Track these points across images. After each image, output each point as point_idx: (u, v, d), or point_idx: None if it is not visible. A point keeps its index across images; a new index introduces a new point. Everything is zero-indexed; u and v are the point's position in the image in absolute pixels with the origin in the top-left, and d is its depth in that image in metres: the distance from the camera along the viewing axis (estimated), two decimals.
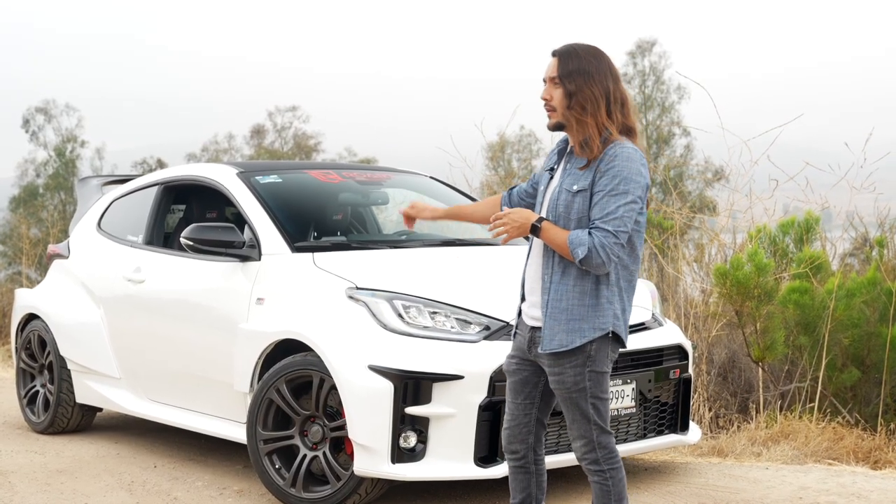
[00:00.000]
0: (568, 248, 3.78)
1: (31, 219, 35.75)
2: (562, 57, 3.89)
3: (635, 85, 56.10)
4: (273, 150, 59.60)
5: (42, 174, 59.29)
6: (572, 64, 3.86)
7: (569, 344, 3.84)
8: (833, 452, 6.51)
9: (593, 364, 3.87)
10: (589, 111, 3.83)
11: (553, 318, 3.86)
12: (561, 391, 3.90)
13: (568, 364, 3.86)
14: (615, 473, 3.94)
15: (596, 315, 3.85)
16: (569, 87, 3.84)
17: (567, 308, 3.84)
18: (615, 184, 3.77)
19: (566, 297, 3.85)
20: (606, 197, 3.77)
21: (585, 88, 3.83)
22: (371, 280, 5.41)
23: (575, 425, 3.92)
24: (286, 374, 5.38)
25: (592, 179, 3.82)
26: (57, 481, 6.10)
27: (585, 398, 3.88)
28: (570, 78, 3.85)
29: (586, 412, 3.89)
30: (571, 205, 3.85)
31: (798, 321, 7.46)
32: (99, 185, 7.98)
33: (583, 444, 3.92)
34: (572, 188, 3.85)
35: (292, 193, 6.54)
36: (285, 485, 5.36)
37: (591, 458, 3.93)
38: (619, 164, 3.79)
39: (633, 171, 3.79)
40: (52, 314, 7.37)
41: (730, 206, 8.82)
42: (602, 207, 3.77)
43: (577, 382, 3.87)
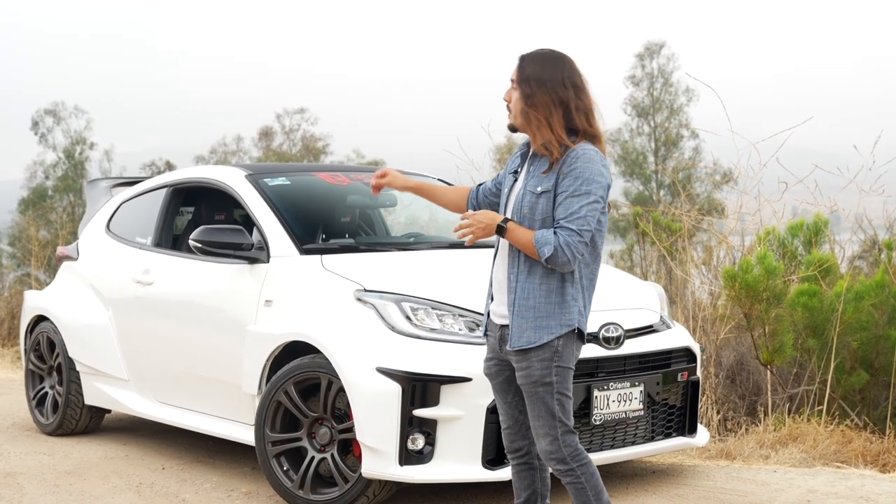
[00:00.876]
0: (534, 248, 3.90)
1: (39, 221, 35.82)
2: (522, 62, 4.03)
3: (644, 87, 56.05)
4: (281, 152, 59.65)
5: (51, 176, 59.40)
6: (529, 69, 3.99)
7: (536, 340, 3.94)
8: (841, 455, 6.50)
9: (560, 359, 3.97)
10: (543, 117, 3.95)
11: (521, 315, 3.96)
12: (527, 386, 3.98)
13: (535, 358, 3.95)
14: (585, 469, 4.00)
15: (562, 312, 3.96)
16: (525, 91, 3.98)
17: (534, 306, 3.95)
18: (578, 185, 3.89)
19: (533, 296, 3.95)
20: (570, 198, 3.89)
21: (539, 95, 3.96)
22: (379, 282, 5.41)
23: (540, 422, 3.99)
24: (294, 376, 5.38)
25: (555, 181, 3.93)
26: (65, 482, 6.11)
27: (552, 393, 3.96)
28: (526, 83, 3.99)
29: (552, 408, 3.96)
30: (535, 206, 3.96)
31: (807, 324, 7.45)
32: (108, 187, 8.00)
33: (548, 441, 3.99)
34: (536, 190, 3.97)
35: (301, 196, 6.54)
36: (293, 487, 5.36)
37: (557, 457, 3.99)
38: (580, 165, 3.90)
39: (594, 172, 3.91)
40: (61, 316, 7.38)
41: (738, 208, 8.81)
42: (566, 208, 3.89)
43: (544, 376, 3.95)
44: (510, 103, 4.04)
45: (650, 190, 53.20)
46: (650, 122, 55.66)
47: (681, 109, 55.69)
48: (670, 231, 9.58)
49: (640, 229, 9.95)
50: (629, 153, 54.73)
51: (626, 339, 5.42)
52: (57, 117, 60.29)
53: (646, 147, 55.59)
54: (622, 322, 5.43)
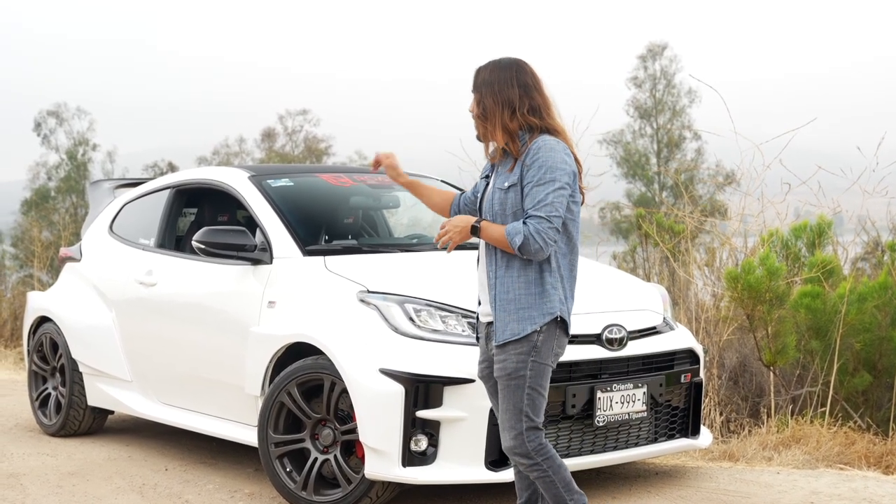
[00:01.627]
0: (504, 240, 3.98)
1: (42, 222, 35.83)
2: (476, 72, 4.19)
3: (646, 88, 56.03)
4: (284, 153, 59.67)
5: (54, 177, 59.42)
6: (480, 76, 4.16)
7: (520, 332, 4.00)
8: (844, 457, 6.50)
9: (537, 355, 4.02)
10: (489, 119, 4.10)
11: (503, 309, 4.03)
12: (502, 378, 4.04)
13: (513, 351, 4.01)
14: (552, 462, 4.05)
15: (543, 301, 4.03)
16: (477, 98, 4.15)
17: (515, 298, 4.02)
18: (542, 174, 3.99)
19: (513, 289, 4.03)
20: (535, 187, 3.99)
21: (487, 98, 4.12)
22: (382, 283, 5.41)
23: (507, 415, 4.04)
24: (297, 378, 5.38)
25: (520, 174, 4.04)
26: (68, 484, 6.11)
27: (523, 387, 4.01)
28: (477, 90, 4.16)
29: (520, 402, 4.01)
30: (505, 201, 4.06)
31: (809, 325, 7.44)
32: (111, 188, 8.00)
33: (512, 436, 4.03)
34: (504, 185, 4.07)
35: (304, 197, 6.55)
36: (296, 488, 5.36)
37: (521, 452, 4.03)
38: (542, 155, 4.01)
39: (556, 160, 4.01)
40: (64, 317, 7.39)
41: (741, 210, 8.80)
42: (533, 197, 3.99)
43: (518, 370, 4.01)
44: (471, 111, 4.19)
45: (653, 191, 53.18)
46: (653, 124, 55.64)
47: (683, 111, 55.67)
48: (673, 232, 9.58)
49: (642, 231, 9.95)
50: (631, 155, 54.71)
51: (629, 341, 5.42)
52: (59, 118, 60.32)
53: (648, 149, 55.57)
54: (625, 324, 5.43)
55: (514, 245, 3.96)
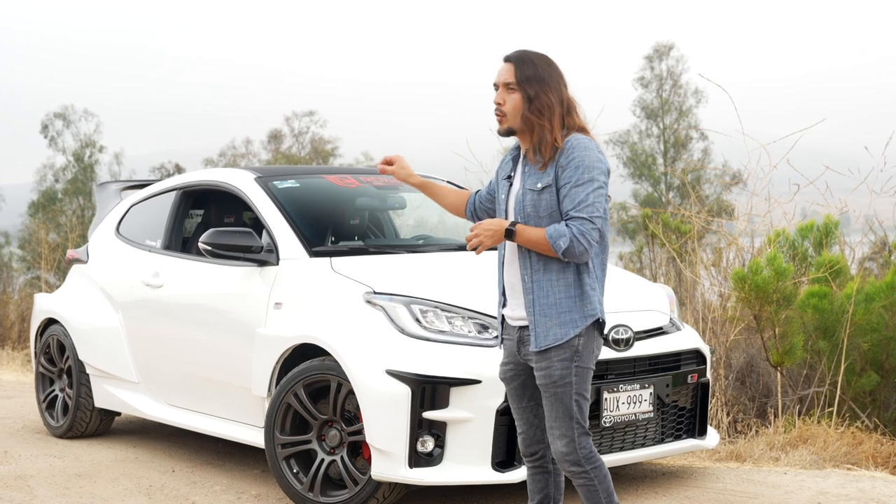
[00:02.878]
0: (548, 243, 3.88)
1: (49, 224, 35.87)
2: (517, 63, 4.00)
3: (653, 89, 55.98)
4: (290, 154, 59.70)
5: (61, 179, 59.52)
6: (529, 70, 3.98)
7: (563, 337, 3.92)
8: (852, 457, 6.48)
9: (580, 359, 3.95)
10: (546, 116, 3.95)
11: (543, 314, 3.94)
12: (547, 386, 3.96)
13: (556, 358, 3.93)
14: (598, 472, 3.99)
15: (583, 304, 3.95)
16: (528, 92, 3.96)
17: (555, 302, 3.94)
18: (580, 174, 3.89)
19: (553, 293, 3.94)
20: (574, 188, 3.89)
21: (542, 95, 3.96)
22: (388, 284, 5.41)
23: (557, 423, 3.97)
24: (304, 379, 5.38)
25: (555, 174, 3.93)
26: (75, 485, 6.12)
27: (570, 394, 3.95)
28: (528, 83, 3.97)
29: (570, 409, 3.95)
30: (539, 202, 3.95)
31: (817, 325, 7.43)
32: (117, 190, 8.01)
33: (565, 443, 3.96)
34: (536, 186, 3.96)
35: (310, 198, 6.55)
36: (303, 489, 5.36)
37: (572, 460, 3.97)
38: (578, 154, 3.90)
39: (592, 159, 3.91)
40: (71, 319, 7.40)
41: (748, 210, 8.79)
42: (572, 198, 3.88)
43: (564, 377, 3.93)
44: (502, 105, 4.01)
45: (659, 192, 53.14)
46: (659, 124, 55.58)
47: (690, 111, 55.62)
48: (680, 233, 9.57)
49: (649, 231, 9.94)
50: (638, 155, 54.66)
51: (636, 341, 5.42)
52: (66, 121, 60.41)
53: (655, 149, 55.52)
54: (632, 324, 5.43)
55: (559, 248, 3.85)
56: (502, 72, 4.03)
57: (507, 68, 4.02)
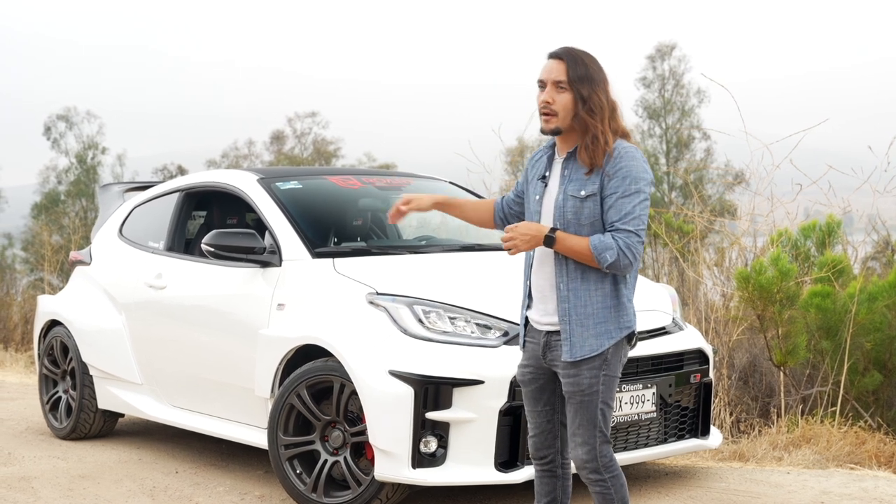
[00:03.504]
0: (591, 254, 3.78)
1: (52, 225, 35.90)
2: (569, 61, 3.86)
3: (655, 88, 55.98)
4: (293, 156, 59.76)
5: (63, 181, 59.60)
6: (581, 69, 3.85)
7: (598, 348, 3.85)
8: (855, 457, 6.48)
9: (608, 368, 3.89)
10: (598, 117, 3.84)
11: (580, 324, 3.86)
12: (575, 395, 3.90)
13: (585, 367, 3.87)
14: (615, 480, 3.95)
15: (619, 315, 3.88)
16: (582, 91, 3.83)
17: (593, 313, 3.85)
18: (627, 184, 3.79)
19: (591, 303, 3.85)
20: (621, 199, 3.79)
21: (594, 95, 3.84)
22: (391, 285, 5.42)
23: (580, 430, 3.91)
24: (307, 380, 5.39)
25: (601, 183, 3.82)
26: (79, 487, 6.13)
27: (597, 403, 3.89)
28: (580, 83, 3.84)
29: (594, 417, 3.90)
30: (581, 210, 3.84)
31: (820, 325, 7.43)
32: (120, 191, 8.02)
33: (586, 451, 3.91)
34: (580, 193, 3.85)
35: (312, 199, 6.55)
36: (306, 490, 5.37)
37: (592, 467, 3.92)
38: (625, 164, 3.81)
39: (639, 170, 3.82)
40: (75, 320, 7.41)
41: (751, 209, 8.79)
42: (619, 209, 3.78)
43: (592, 385, 3.87)
44: (552, 104, 3.87)
45: (662, 191, 53.12)
46: (661, 124, 55.59)
47: (692, 111, 55.63)
48: (682, 232, 9.57)
49: (652, 231, 9.94)
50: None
51: (639, 341, 5.40)
52: (69, 122, 60.51)
53: (657, 149, 55.53)
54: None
55: (604, 261, 3.76)
56: (551, 69, 3.88)
57: (556, 66, 3.87)
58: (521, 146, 51.64)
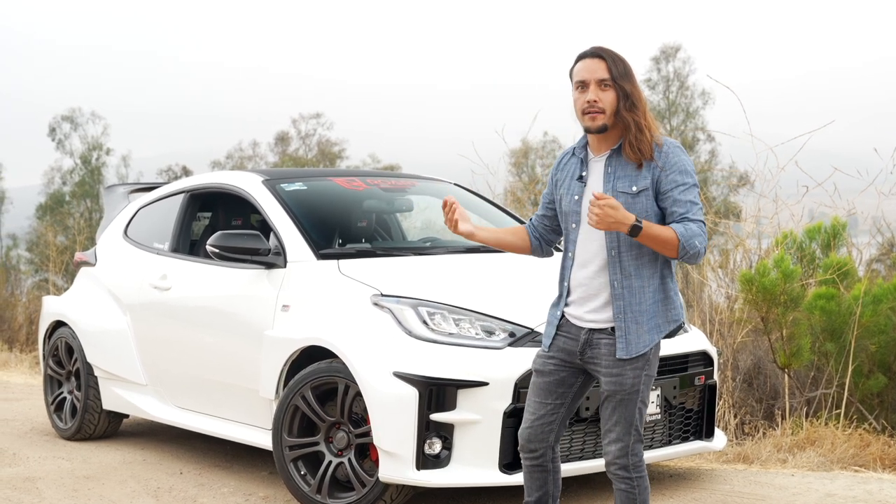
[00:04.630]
0: (676, 243, 3.78)
1: (57, 226, 35.96)
2: (609, 60, 3.91)
3: (660, 90, 55.97)
4: (297, 157, 59.79)
5: (68, 182, 59.69)
6: (621, 67, 3.91)
7: (650, 343, 3.89)
8: (859, 459, 6.48)
9: (649, 368, 3.93)
10: (640, 111, 3.89)
11: (635, 321, 3.88)
12: (617, 394, 3.90)
13: (629, 367, 3.89)
14: (641, 482, 3.96)
15: (668, 309, 3.93)
16: (625, 88, 3.88)
17: (646, 310, 3.89)
18: (685, 178, 3.86)
19: (644, 299, 3.89)
20: (682, 192, 3.85)
21: (634, 90, 3.90)
22: (396, 287, 5.42)
23: (617, 428, 3.93)
24: (311, 381, 5.39)
25: (653, 177, 3.86)
26: (84, 487, 6.14)
27: (636, 402, 3.92)
28: (622, 80, 3.89)
29: (632, 416, 3.92)
30: (633, 206, 3.85)
31: (824, 327, 7.42)
32: (125, 192, 8.03)
33: (619, 447, 3.93)
34: (632, 189, 3.87)
35: (317, 201, 6.56)
36: (311, 491, 5.37)
37: (621, 464, 3.94)
38: (674, 158, 3.88)
39: (687, 163, 3.90)
40: (79, 321, 7.42)
41: (756, 211, 8.79)
42: (683, 202, 3.84)
43: (634, 385, 3.90)
44: (599, 102, 3.87)
45: None
46: (666, 126, 55.55)
47: (697, 113, 55.61)
48: None
49: None
50: None
51: None
52: (74, 123, 60.60)
53: None
54: None
55: (692, 248, 3.78)
56: (593, 68, 3.90)
57: (598, 64, 3.90)
58: (524, 147, 51.65)
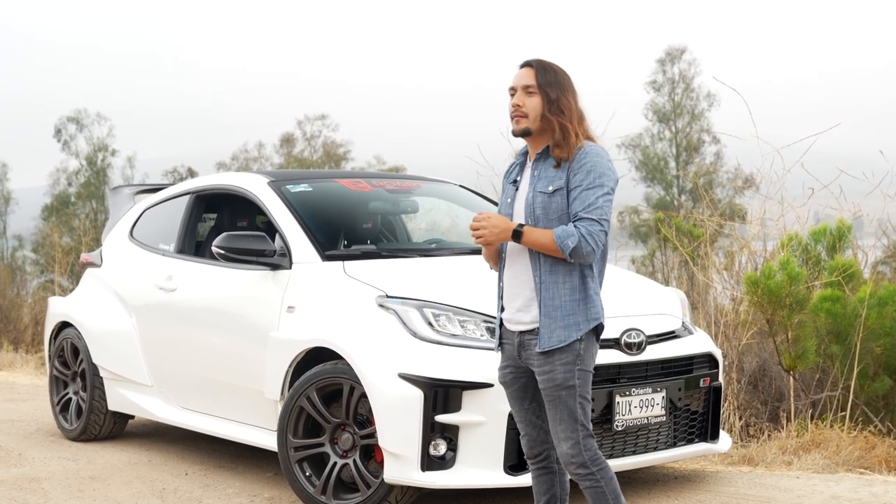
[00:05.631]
0: (555, 244, 3.92)
1: (63, 227, 36.03)
2: (538, 68, 4.10)
3: (665, 92, 55.94)
4: (302, 158, 59.80)
5: (74, 183, 59.73)
6: (549, 75, 4.09)
7: (566, 339, 3.96)
8: (864, 461, 6.47)
9: (582, 362, 3.99)
10: (567, 116, 4.04)
11: (548, 316, 3.99)
12: (550, 389, 3.99)
13: (558, 362, 3.97)
14: (604, 473, 4.02)
15: (587, 307, 4.01)
16: (550, 94, 4.05)
17: (561, 305, 3.98)
18: (591, 178, 3.96)
19: (558, 295, 3.98)
20: (585, 191, 3.96)
21: (562, 97, 4.05)
22: (401, 288, 5.42)
23: (562, 426, 3.99)
24: (317, 382, 5.40)
25: (567, 178, 4.00)
26: (89, 488, 6.14)
27: (574, 397, 3.98)
28: (549, 86, 4.06)
29: (574, 411, 3.98)
30: (549, 205, 4.00)
31: (829, 330, 7.41)
32: (131, 193, 8.04)
33: (570, 445, 3.99)
34: (548, 189, 4.02)
35: (322, 202, 6.57)
36: (316, 492, 5.38)
37: (578, 462, 3.99)
38: (590, 160, 3.99)
39: (604, 166, 3.99)
40: (85, 322, 7.43)
41: (761, 213, 8.78)
42: (582, 200, 3.95)
43: (567, 380, 3.97)
44: (522, 107, 4.07)
45: (672, 195, 53.10)
46: (671, 128, 55.54)
47: (702, 114, 55.57)
48: (692, 236, 9.56)
49: (661, 235, 9.93)
50: (650, 158, 54.64)
51: (648, 345, 5.42)
52: (79, 124, 60.65)
53: (667, 152, 55.49)
54: (644, 328, 5.43)
55: (566, 248, 3.90)
56: (521, 76, 4.10)
57: (526, 72, 4.10)
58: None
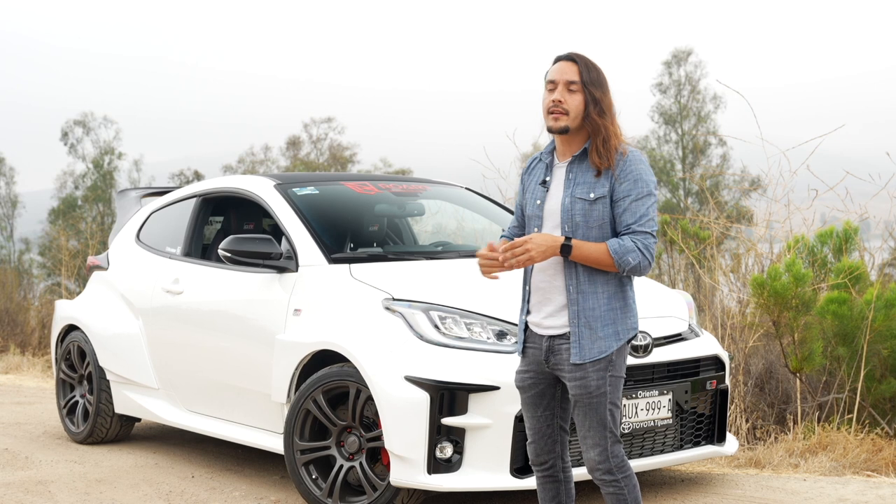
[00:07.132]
0: (610, 259, 3.81)
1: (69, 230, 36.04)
2: (581, 64, 3.93)
3: (671, 94, 55.90)
4: (309, 161, 59.82)
5: (80, 186, 59.79)
6: (593, 73, 3.93)
7: (607, 350, 3.88)
8: (872, 464, 6.46)
9: (614, 369, 3.92)
10: (609, 119, 3.91)
11: (588, 326, 3.89)
12: (583, 397, 3.91)
13: (591, 369, 3.89)
14: (629, 481, 3.96)
15: (626, 317, 3.93)
16: (595, 93, 3.90)
17: (600, 315, 3.89)
18: (640, 187, 3.86)
19: (598, 305, 3.89)
20: (635, 201, 3.85)
21: (605, 97, 3.92)
22: (407, 291, 5.43)
23: (591, 433, 3.93)
24: (323, 385, 5.40)
25: (611, 186, 3.87)
26: (96, 491, 6.15)
27: (605, 404, 3.91)
28: (593, 85, 3.91)
29: (604, 418, 3.91)
30: (590, 213, 3.88)
31: (836, 332, 7.40)
32: (138, 197, 8.06)
33: (597, 452, 3.93)
34: (589, 196, 3.88)
35: (329, 205, 6.57)
36: (322, 495, 5.38)
37: (604, 468, 3.94)
38: (634, 167, 3.88)
39: (647, 172, 3.90)
40: (92, 325, 7.44)
41: (768, 216, 8.77)
42: (633, 212, 3.84)
43: (600, 387, 3.90)
44: (563, 104, 3.90)
45: (678, 197, 53.02)
46: (677, 130, 55.50)
47: (708, 117, 55.52)
48: (698, 239, 9.56)
49: (668, 237, 9.93)
50: (656, 161, 54.58)
51: (655, 348, 5.42)
52: (86, 128, 60.70)
53: (673, 154, 55.44)
54: (650, 330, 5.43)
55: (626, 264, 3.80)
56: (564, 70, 3.92)
57: (569, 67, 3.93)
58: (535, 152, 51.61)
